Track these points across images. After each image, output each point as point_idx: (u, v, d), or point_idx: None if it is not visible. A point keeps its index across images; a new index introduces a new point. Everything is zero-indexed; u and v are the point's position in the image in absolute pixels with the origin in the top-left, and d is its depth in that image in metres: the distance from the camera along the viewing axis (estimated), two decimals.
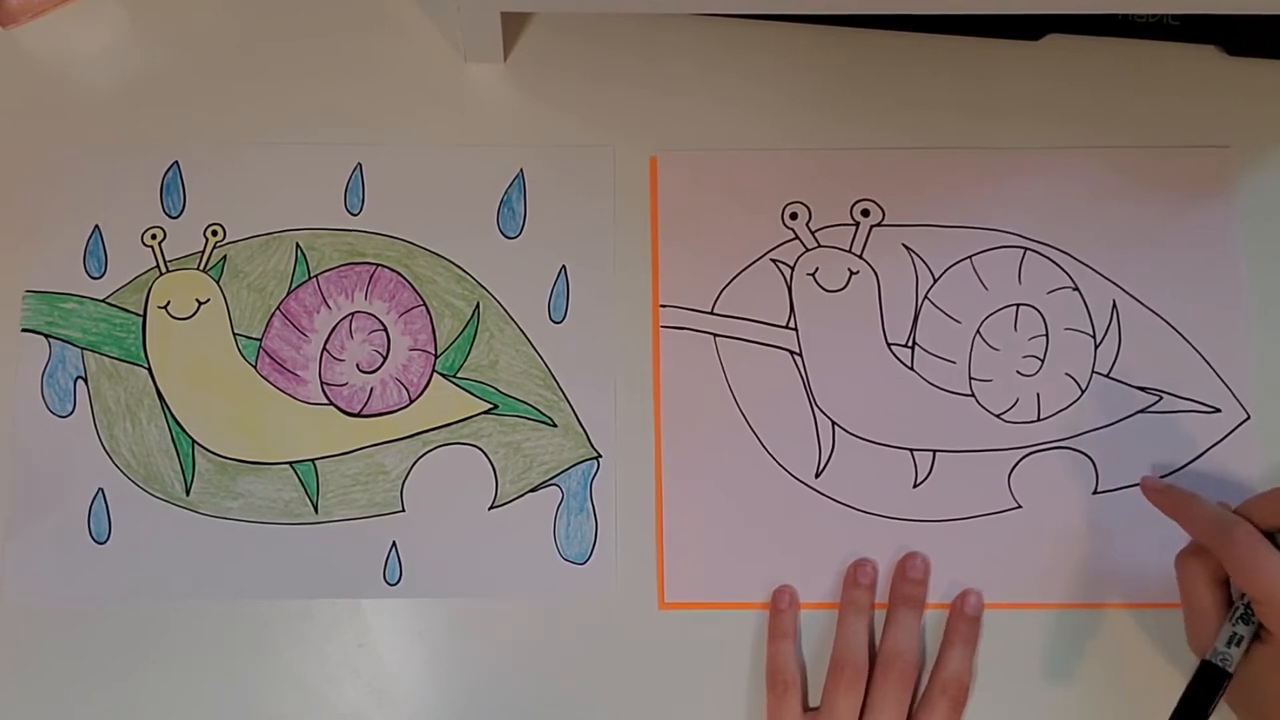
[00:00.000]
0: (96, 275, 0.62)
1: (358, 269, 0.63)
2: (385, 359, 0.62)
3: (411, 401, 0.61)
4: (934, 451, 0.61)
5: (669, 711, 0.59)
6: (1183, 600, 0.55)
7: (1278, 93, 0.64)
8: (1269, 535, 0.51)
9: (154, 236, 0.63)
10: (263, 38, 0.65)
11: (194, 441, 0.61)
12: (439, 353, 0.62)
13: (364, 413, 0.61)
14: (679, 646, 0.59)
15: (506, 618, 0.59)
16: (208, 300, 0.62)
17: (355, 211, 0.63)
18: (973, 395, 0.61)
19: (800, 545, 0.60)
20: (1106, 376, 0.61)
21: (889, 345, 0.62)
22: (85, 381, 0.61)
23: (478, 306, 0.62)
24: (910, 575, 0.59)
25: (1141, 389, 0.61)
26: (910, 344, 0.62)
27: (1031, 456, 0.61)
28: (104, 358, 0.61)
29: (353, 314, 0.62)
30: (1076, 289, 0.62)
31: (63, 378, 0.61)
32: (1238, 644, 0.51)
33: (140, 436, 0.61)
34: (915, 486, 0.61)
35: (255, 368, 0.62)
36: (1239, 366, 0.61)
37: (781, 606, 0.59)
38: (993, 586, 0.59)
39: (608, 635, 0.59)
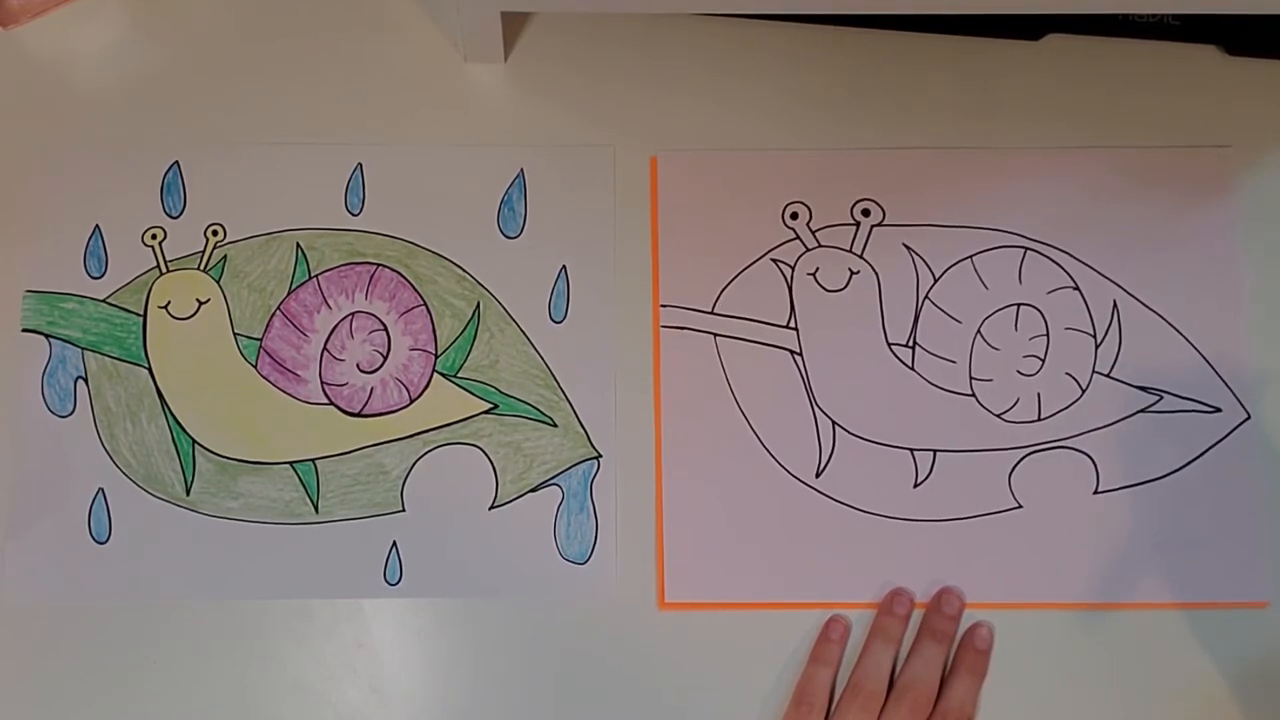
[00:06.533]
0: (97, 275, 0.62)
1: (358, 269, 0.63)
2: (385, 359, 0.62)
3: (412, 401, 0.61)
4: (934, 451, 0.61)
5: (669, 711, 0.59)
6: None
7: (1278, 92, 0.64)
8: None
9: (154, 236, 0.63)
10: (263, 38, 0.65)
11: (194, 441, 0.61)
12: (439, 353, 0.62)
13: (364, 413, 0.61)
14: (679, 646, 0.59)
15: (506, 618, 0.59)
16: (208, 300, 0.62)
17: (355, 211, 0.63)
18: (973, 395, 0.61)
19: (800, 545, 0.60)
20: (1107, 376, 0.61)
21: (889, 345, 0.62)
22: (85, 381, 0.61)
23: (478, 306, 0.62)
24: (945, 610, 0.59)
25: (1142, 389, 0.61)
26: (911, 344, 0.62)
27: (1032, 456, 0.61)
28: (104, 358, 0.61)
29: (353, 314, 0.62)
30: (1077, 289, 0.62)
31: (63, 378, 0.61)
32: None
33: (140, 436, 0.61)
34: (916, 486, 0.61)
35: (255, 368, 0.62)
36: (1239, 366, 0.61)
37: (832, 638, 0.58)
38: (993, 586, 0.60)
39: (608, 635, 0.59)
